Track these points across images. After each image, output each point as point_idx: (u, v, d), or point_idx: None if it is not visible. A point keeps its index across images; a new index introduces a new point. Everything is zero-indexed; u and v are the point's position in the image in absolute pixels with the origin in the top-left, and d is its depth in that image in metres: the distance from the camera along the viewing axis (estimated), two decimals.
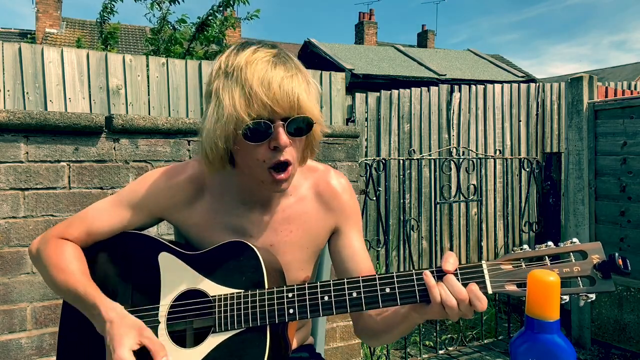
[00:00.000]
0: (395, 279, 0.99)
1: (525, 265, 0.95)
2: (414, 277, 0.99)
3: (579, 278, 0.92)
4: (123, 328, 1.03)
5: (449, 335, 3.70)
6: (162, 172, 1.21)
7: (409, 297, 0.99)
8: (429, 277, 0.97)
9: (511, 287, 0.94)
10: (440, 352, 3.57)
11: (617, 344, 3.56)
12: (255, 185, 1.13)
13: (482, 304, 0.95)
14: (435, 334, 3.58)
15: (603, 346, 3.63)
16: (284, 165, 1.04)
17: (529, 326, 0.85)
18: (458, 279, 0.96)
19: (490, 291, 0.95)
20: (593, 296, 0.91)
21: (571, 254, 0.94)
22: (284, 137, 1.01)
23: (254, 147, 1.02)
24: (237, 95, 0.99)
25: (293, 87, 1.00)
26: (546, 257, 0.95)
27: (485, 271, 0.96)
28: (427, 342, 3.68)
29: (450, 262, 0.97)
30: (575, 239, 0.95)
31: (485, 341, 3.75)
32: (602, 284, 0.91)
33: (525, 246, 0.97)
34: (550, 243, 0.96)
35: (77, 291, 1.10)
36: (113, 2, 6.64)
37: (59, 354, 1.21)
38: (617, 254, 0.89)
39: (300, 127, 1.04)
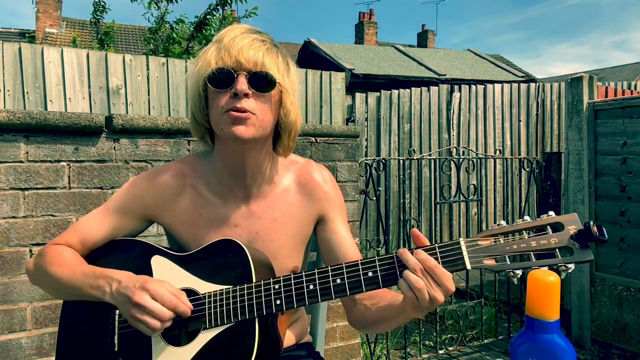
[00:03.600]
0: (377, 263, 1.01)
1: (504, 240, 0.96)
2: (395, 259, 1.00)
3: (557, 249, 0.93)
4: (145, 276, 1.07)
5: (449, 335, 3.70)
6: (146, 174, 1.26)
7: (390, 280, 1.00)
8: (404, 252, 0.98)
9: (489, 262, 0.95)
10: (440, 352, 3.57)
11: (617, 344, 3.56)
12: (229, 155, 1.16)
13: (436, 267, 0.94)
14: (435, 334, 3.58)
15: (603, 346, 3.63)
16: (241, 112, 1.07)
17: (529, 326, 0.85)
18: (437, 258, 0.97)
19: (469, 267, 0.96)
20: (572, 266, 0.92)
21: (548, 226, 0.94)
22: (242, 85, 1.06)
23: (218, 94, 1.09)
24: (211, 50, 1.11)
25: (260, 47, 1.09)
26: (524, 230, 0.96)
27: (463, 247, 0.97)
28: (427, 342, 3.68)
29: (420, 234, 0.99)
30: (551, 212, 0.96)
31: (485, 341, 3.75)
32: (580, 253, 0.91)
33: (503, 222, 0.98)
34: (527, 217, 0.97)
35: (84, 271, 1.13)
36: (104, 0, 6.62)
37: (58, 354, 1.21)
38: (591, 222, 0.90)
39: (263, 82, 1.08)
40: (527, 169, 3.93)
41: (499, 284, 3.87)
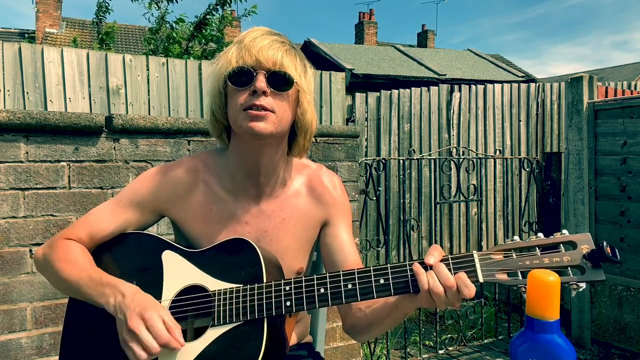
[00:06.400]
0: (390, 270, 1.02)
1: (516, 256, 0.97)
2: (407, 267, 1.02)
3: (569, 268, 0.94)
4: (148, 299, 1.06)
5: (449, 335, 3.70)
6: (158, 168, 1.27)
7: (402, 288, 1.01)
8: (418, 265, 1.00)
9: (502, 276, 0.97)
10: (440, 352, 3.57)
11: (617, 344, 3.56)
12: (244, 151, 1.18)
13: (470, 290, 0.96)
14: (435, 334, 3.58)
15: (603, 346, 3.63)
16: (259, 109, 1.09)
17: (529, 326, 0.85)
18: (449, 268, 0.98)
19: (481, 279, 0.97)
20: (583, 285, 0.93)
21: (561, 244, 0.96)
22: (261, 83, 1.09)
23: (237, 92, 1.12)
24: (232, 50, 1.15)
25: (279, 48, 1.12)
26: (537, 247, 0.97)
27: (476, 260, 0.98)
28: (427, 342, 3.68)
29: (434, 255, 1.00)
30: (565, 231, 0.97)
31: (485, 341, 3.75)
32: (591, 273, 0.92)
33: (516, 237, 1.00)
34: (540, 234, 0.98)
35: (91, 276, 1.12)
36: (107, 1, 6.64)
37: (63, 345, 1.21)
38: (605, 243, 0.90)
39: (281, 81, 1.11)
40: (527, 169, 3.93)
41: (499, 284, 3.86)
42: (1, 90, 3.57)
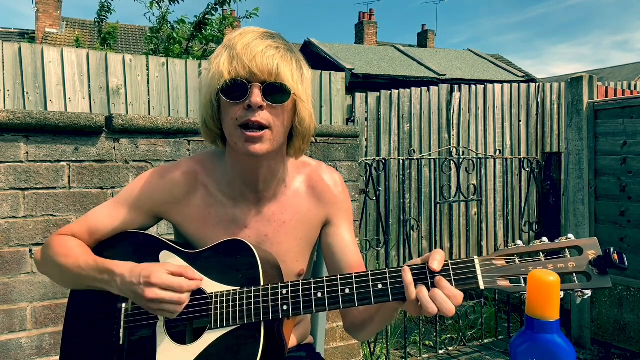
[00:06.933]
0: (388, 275, 0.99)
1: (519, 261, 0.93)
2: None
3: (574, 274, 0.90)
4: (143, 266, 1.07)
5: (449, 335, 3.70)
6: (157, 170, 1.25)
7: (401, 294, 0.98)
8: (407, 273, 0.96)
9: (503, 283, 0.93)
10: (440, 352, 3.57)
11: (617, 344, 3.56)
12: (241, 164, 1.15)
13: (448, 308, 0.92)
14: (435, 333, 3.58)
15: (603, 346, 3.63)
16: (255, 126, 1.06)
17: (529, 326, 0.85)
18: (450, 278, 0.95)
19: (482, 286, 0.93)
20: (589, 292, 0.89)
21: (566, 249, 0.92)
22: (256, 98, 1.04)
23: (231, 105, 1.06)
24: (223, 57, 1.07)
25: (274, 55, 1.05)
26: (541, 252, 0.93)
27: (478, 266, 0.94)
28: (427, 342, 3.68)
29: (437, 259, 0.96)
30: (570, 235, 0.93)
31: (485, 341, 3.75)
32: (598, 279, 0.89)
33: (519, 242, 0.96)
34: (545, 239, 0.94)
35: (88, 264, 1.13)
36: (110, 1, 6.66)
37: (64, 345, 1.21)
38: (612, 249, 0.87)
39: (277, 93, 1.06)
40: (527, 169, 3.93)
41: None
42: (1, 90, 3.57)
